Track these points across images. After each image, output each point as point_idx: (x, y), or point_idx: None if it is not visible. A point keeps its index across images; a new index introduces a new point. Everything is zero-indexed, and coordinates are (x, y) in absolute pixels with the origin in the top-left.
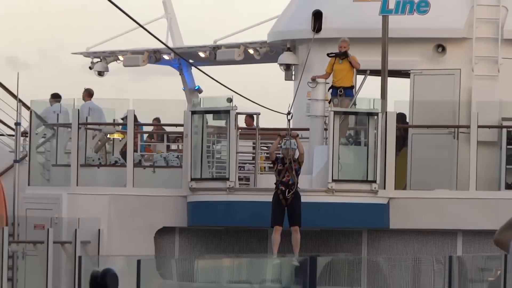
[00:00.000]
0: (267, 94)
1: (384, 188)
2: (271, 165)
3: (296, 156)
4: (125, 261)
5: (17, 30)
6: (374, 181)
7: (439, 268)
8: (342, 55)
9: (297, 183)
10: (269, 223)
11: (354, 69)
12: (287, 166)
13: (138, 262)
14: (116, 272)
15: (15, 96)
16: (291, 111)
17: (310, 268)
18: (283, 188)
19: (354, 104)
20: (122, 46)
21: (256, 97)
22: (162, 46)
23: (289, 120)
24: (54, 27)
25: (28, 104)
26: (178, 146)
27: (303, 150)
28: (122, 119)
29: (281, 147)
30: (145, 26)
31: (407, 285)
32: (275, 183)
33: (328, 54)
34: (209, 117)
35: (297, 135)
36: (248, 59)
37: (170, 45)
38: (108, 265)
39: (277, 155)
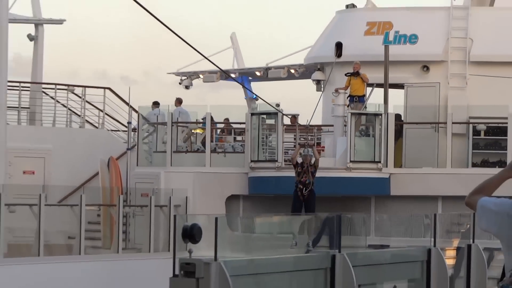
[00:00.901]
0: (304, 101)
1: (386, 167)
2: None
3: (313, 161)
4: (206, 219)
5: (128, 56)
6: (379, 162)
7: (427, 222)
8: (356, 74)
9: (313, 182)
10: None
11: (365, 83)
12: (305, 169)
13: (216, 219)
14: (200, 226)
15: (127, 103)
16: (309, 124)
17: (337, 223)
18: (301, 187)
19: (365, 107)
20: (201, 67)
21: (296, 103)
22: (231, 67)
23: (307, 132)
24: (154, 54)
25: (137, 109)
26: (242, 137)
27: (318, 157)
28: (202, 119)
29: (301, 154)
30: (218, 53)
31: (403, 234)
32: (295, 182)
33: (345, 74)
34: (263, 117)
35: (314, 145)
36: (290, 77)
37: (235, 66)
38: (194, 221)
39: (297, 160)
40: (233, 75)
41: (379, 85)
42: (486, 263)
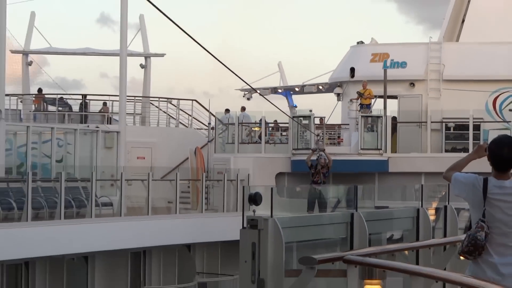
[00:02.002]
0: (328, 108)
1: (386, 152)
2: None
3: (326, 162)
4: (264, 188)
5: (209, 78)
6: (381, 149)
7: (415, 190)
8: (363, 93)
9: (324, 182)
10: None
11: (370, 95)
12: (317, 170)
13: (271, 188)
14: (260, 193)
15: (208, 110)
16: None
17: (354, 191)
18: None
19: (371, 112)
20: (259, 85)
21: (323, 109)
22: (278, 84)
23: (318, 141)
24: (226, 76)
25: (214, 114)
26: (286, 133)
27: (330, 159)
28: (259, 121)
29: (317, 158)
30: (270, 75)
31: (399, 198)
32: (310, 182)
33: (357, 92)
34: (301, 119)
35: (324, 149)
36: (319, 91)
37: (281, 84)
38: (256, 190)
39: (312, 163)
40: (279, 90)
41: (380, 97)
42: (457, 218)
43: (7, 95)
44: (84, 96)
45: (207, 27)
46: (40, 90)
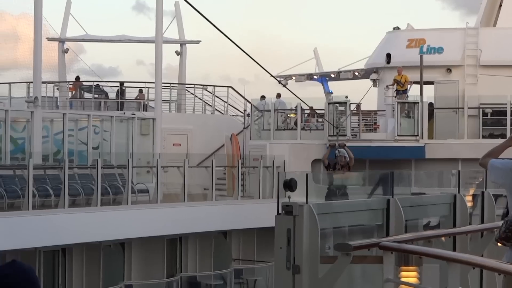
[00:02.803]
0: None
1: (422, 138)
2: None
3: (347, 161)
4: (299, 175)
5: (244, 64)
6: (417, 135)
7: (453, 177)
8: (400, 80)
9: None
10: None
11: (406, 82)
12: (337, 170)
13: (306, 175)
14: (296, 179)
15: (243, 97)
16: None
17: (390, 177)
18: None
19: (407, 98)
20: (294, 72)
21: (358, 96)
22: (314, 71)
23: (338, 134)
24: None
25: (250, 100)
26: (322, 119)
27: (352, 157)
28: (295, 107)
29: (335, 156)
30: (307, 61)
31: (436, 184)
32: None
33: (394, 79)
34: (336, 105)
35: (345, 145)
36: (354, 77)
37: (317, 70)
38: (291, 176)
39: (329, 161)
40: (315, 77)
41: (416, 82)
42: (495, 205)
43: (43, 82)
44: (121, 83)
45: (244, 14)
46: (77, 77)
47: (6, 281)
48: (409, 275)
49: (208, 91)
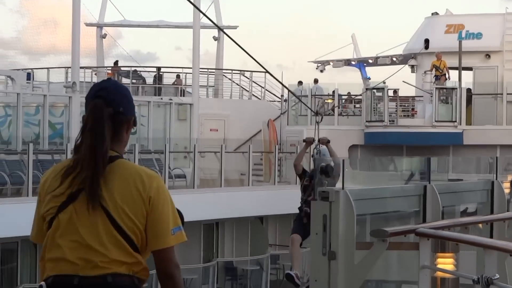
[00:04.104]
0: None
1: (460, 124)
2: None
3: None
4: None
5: (282, 50)
6: (455, 121)
7: (490, 163)
8: (439, 66)
9: None
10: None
11: (445, 67)
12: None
13: (343, 160)
14: (332, 165)
15: (281, 82)
16: (320, 111)
17: (427, 163)
18: (308, 210)
19: (445, 83)
20: (331, 57)
21: (396, 81)
22: (351, 56)
23: (317, 123)
24: (299, 48)
25: (287, 86)
26: (359, 105)
27: (338, 160)
28: (333, 93)
29: (313, 158)
30: (344, 46)
31: (473, 170)
32: (300, 203)
33: (432, 64)
34: (374, 91)
35: (328, 141)
36: (392, 63)
37: (354, 56)
38: (327, 163)
39: (303, 167)
40: (353, 62)
41: (454, 68)
42: None
43: (81, 67)
44: (158, 68)
45: (282, 1)
46: (116, 63)
47: (102, 93)
48: (446, 262)
49: (246, 77)
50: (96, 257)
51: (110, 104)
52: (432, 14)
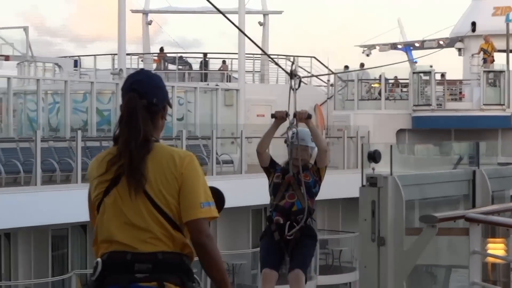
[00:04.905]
0: (449, 64)
1: (509, 107)
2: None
3: (312, 158)
4: (384, 146)
5: (327, 35)
6: (503, 104)
7: None
8: (487, 49)
9: (312, 210)
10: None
11: (493, 50)
12: (290, 178)
13: (391, 146)
14: (380, 151)
15: (327, 67)
16: (297, 72)
17: (476, 147)
18: (281, 221)
19: (493, 66)
20: (378, 41)
21: (443, 65)
22: (398, 40)
23: (293, 89)
24: (344, 32)
25: (333, 70)
26: (406, 89)
27: (325, 145)
28: (379, 77)
29: (286, 142)
30: (390, 30)
31: None
32: (269, 210)
33: (480, 47)
34: (421, 75)
35: (309, 116)
36: (439, 46)
37: (401, 40)
38: (375, 148)
39: (270, 157)
40: (399, 46)
41: (502, 51)
42: None
43: (128, 54)
44: (204, 54)
45: None
46: (162, 49)
47: (136, 86)
48: (496, 247)
49: (291, 61)
50: (143, 235)
51: (144, 96)
52: None
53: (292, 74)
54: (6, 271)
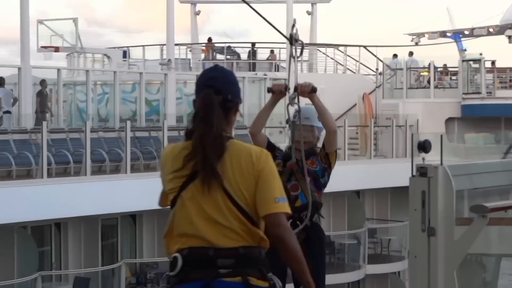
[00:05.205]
0: (499, 51)
1: None
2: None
3: (320, 140)
4: (433, 135)
5: (374, 23)
6: None
7: None
8: None
9: (319, 204)
10: None
11: None
12: (292, 165)
13: (441, 136)
14: (430, 141)
15: (375, 56)
16: (298, 37)
17: None
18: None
19: None
20: (426, 29)
21: (492, 52)
22: (447, 28)
23: (293, 58)
24: (393, 20)
25: (382, 59)
26: (455, 77)
27: (334, 125)
28: (428, 65)
29: (288, 122)
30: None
31: None
32: None
33: None
34: (470, 63)
35: (314, 90)
36: (489, 34)
37: (450, 28)
38: (425, 138)
39: (269, 141)
40: (448, 34)
41: None
42: None
43: (176, 44)
44: (252, 44)
45: None
46: (210, 39)
47: (212, 83)
48: None
49: (340, 51)
50: (224, 231)
51: (220, 92)
52: None
53: (292, 39)
54: (56, 260)
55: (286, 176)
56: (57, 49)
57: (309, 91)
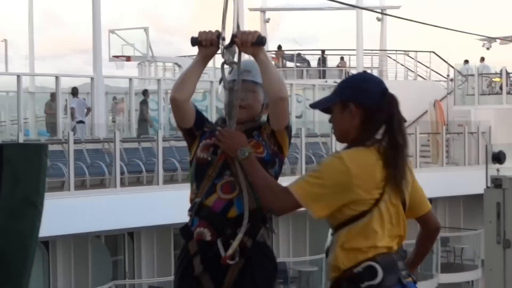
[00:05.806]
0: None
1: None
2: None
3: (265, 117)
4: (508, 146)
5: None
6: None
7: None
8: None
9: (266, 214)
10: None
11: None
12: (219, 156)
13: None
14: (504, 152)
15: (446, 62)
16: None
17: None
18: (208, 236)
19: None
20: (500, 33)
21: None
22: None
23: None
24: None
25: (453, 65)
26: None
27: (283, 89)
28: (500, 71)
29: (221, 81)
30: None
31: None
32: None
33: None
34: None
35: (261, 41)
36: None
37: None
38: (499, 149)
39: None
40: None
41: None
42: None
43: None
44: (322, 51)
45: None
46: (279, 46)
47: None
48: None
49: (410, 57)
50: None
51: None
52: None
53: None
54: (130, 269)
55: (217, 168)
56: (128, 59)
57: (254, 41)
